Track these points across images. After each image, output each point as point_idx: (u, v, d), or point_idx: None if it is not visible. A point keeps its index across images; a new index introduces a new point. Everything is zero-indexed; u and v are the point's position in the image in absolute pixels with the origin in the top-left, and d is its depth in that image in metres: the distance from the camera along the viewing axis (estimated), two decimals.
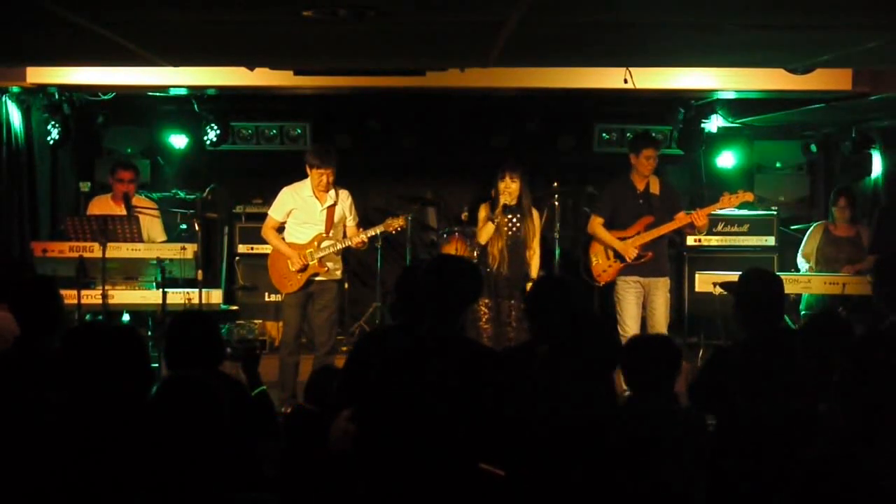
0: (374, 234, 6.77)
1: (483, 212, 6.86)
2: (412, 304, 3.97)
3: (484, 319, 6.73)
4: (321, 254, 6.57)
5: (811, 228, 7.90)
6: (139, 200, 7.43)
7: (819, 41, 4.93)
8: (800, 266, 7.72)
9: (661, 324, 6.68)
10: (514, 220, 6.72)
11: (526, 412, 3.64)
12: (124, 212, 7.28)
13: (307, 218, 6.63)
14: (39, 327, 4.03)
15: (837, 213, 7.67)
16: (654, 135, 7.44)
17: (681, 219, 6.70)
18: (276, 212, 6.73)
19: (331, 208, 6.62)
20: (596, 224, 6.87)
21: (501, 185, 6.68)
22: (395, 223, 6.74)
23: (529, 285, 6.61)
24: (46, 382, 3.32)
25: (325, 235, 6.61)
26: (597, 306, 8.71)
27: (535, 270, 6.84)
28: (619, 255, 6.72)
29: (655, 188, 6.78)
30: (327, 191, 6.57)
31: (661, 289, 6.73)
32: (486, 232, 6.74)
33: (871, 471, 2.48)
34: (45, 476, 2.79)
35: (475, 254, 7.82)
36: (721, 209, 7.03)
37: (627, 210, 6.78)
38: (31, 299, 4.13)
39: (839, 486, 2.49)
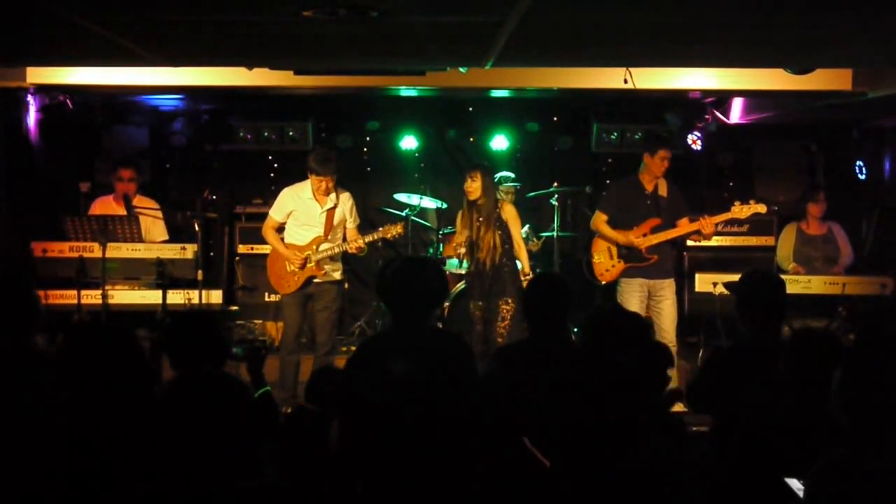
0: (371, 240, 6.74)
1: (458, 219, 6.89)
2: (387, 303, 4.04)
3: (476, 319, 6.72)
4: (319, 256, 6.56)
5: (783, 232, 7.91)
6: (140, 200, 7.43)
7: (819, 41, 4.93)
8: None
9: (669, 326, 6.62)
10: (480, 219, 6.68)
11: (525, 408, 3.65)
12: (125, 212, 7.28)
13: (307, 220, 6.62)
14: (14, 325, 3.89)
15: (815, 209, 7.67)
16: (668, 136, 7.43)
17: (685, 225, 6.66)
18: (276, 212, 6.73)
19: (331, 211, 6.61)
20: (599, 220, 6.80)
21: (465, 187, 6.72)
22: (393, 230, 6.69)
23: (525, 280, 6.60)
24: (29, 382, 3.31)
25: (323, 238, 6.60)
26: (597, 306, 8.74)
27: (525, 264, 6.79)
28: (622, 255, 6.68)
29: (664, 190, 6.72)
30: (327, 195, 6.56)
31: (667, 290, 6.68)
32: (456, 238, 6.84)
33: (875, 473, 2.48)
34: (36, 475, 2.79)
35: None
36: (731, 218, 6.96)
37: (634, 210, 6.71)
38: (3, 296, 3.94)
39: (844, 488, 2.49)
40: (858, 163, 8.33)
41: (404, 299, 3.68)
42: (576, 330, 7.99)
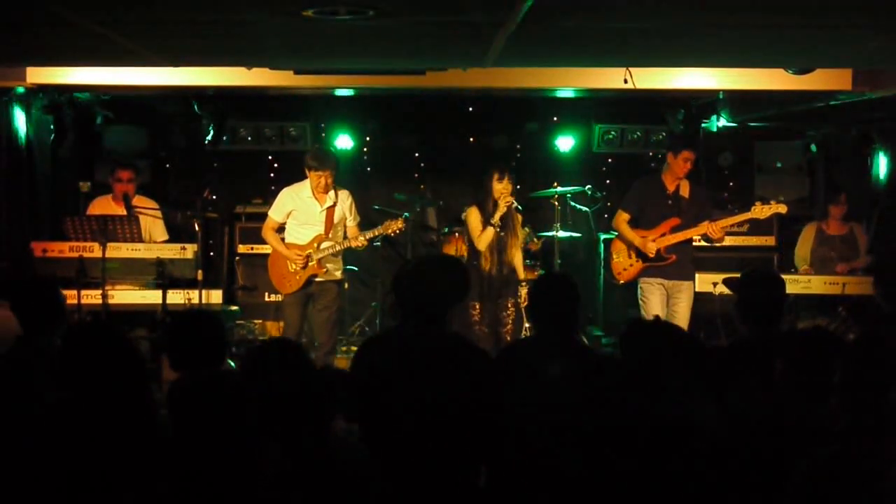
0: (372, 236, 6.76)
1: (473, 216, 6.67)
2: (404, 302, 3.97)
3: (475, 320, 6.69)
4: (320, 255, 6.57)
5: (803, 230, 7.90)
6: (140, 200, 7.42)
7: (819, 41, 4.93)
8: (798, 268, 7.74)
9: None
10: (503, 219, 6.61)
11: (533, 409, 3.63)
12: (125, 212, 7.28)
13: (307, 219, 6.62)
14: (41, 327, 4.04)
15: (836, 209, 7.65)
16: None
17: (703, 226, 6.63)
18: (275, 213, 6.72)
19: (330, 209, 6.61)
20: (621, 220, 6.75)
21: (500, 187, 6.53)
22: (394, 226, 6.71)
23: (524, 286, 6.59)
24: (49, 381, 3.33)
25: (324, 236, 6.60)
26: (599, 307, 8.75)
27: (520, 268, 6.77)
28: (640, 255, 6.66)
29: (685, 191, 6.69)
30: (326, 192, 6.56)
31: (684, 293, 6.64)
32: (486, 237, 6.55)
33: (872, 470, 2.49)
34: (48, 474, 2.80)
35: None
36: (752, 218, 6.94)
37: (655, 209, 6.67)
38: (33, 299, 4.14)
39: (841, 485, 2.49)
40: None
41: (427, 297, 3.56)
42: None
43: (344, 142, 8.91)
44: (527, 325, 6.72)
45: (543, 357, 4.07)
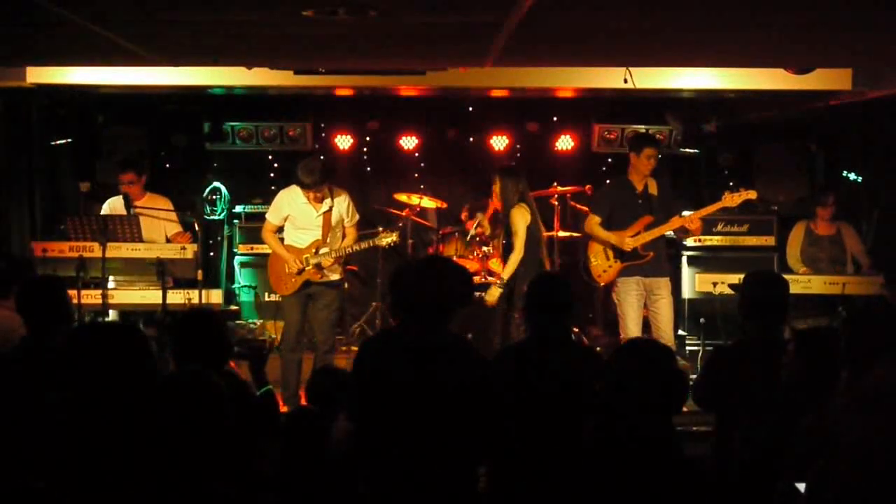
0: (366, 247, 6.75)
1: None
2: (404, 304, 3.95)
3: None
4: (317, 260, 6.55)
5: (792, 230, 7.91)
6: (152, 199, 7.38)
7: (819, 41, 4.93)
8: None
9: (666, 326, 6.58)
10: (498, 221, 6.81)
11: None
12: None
13: (304, 223, 6.58)
14: (46, 326, 4.01)
15: (824, 211, 7.66)
16: (654, 135, 7.44)
17: (676, 220, 6.65)
18: (272, 216, 6.69)
19: (327, 213, 6.56)
20: (593, 223, 6.80)
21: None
22: (387, 238, 6.68)
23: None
24: (53, 381, 3.33)
25: (322, 242, 6.56)
26: (598, 307, 8.76)
27: (507, 271, 6.70)
28: (618, 255, 6.66)
29: (654, 189, 6.73)
30: (320, 201, 6.52)
31: (663, 289, 6.66)
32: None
33: None
34: (50, 472, 2.80)
35: (474, 254, 7.83)
36: (723, 207, 6.95)
37: (626, 210, 6.71)
38: (40, 299, 4.11)
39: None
40: None
41: (425, 301, 3.53)
42: (577, 330, 8.01)
43: (344, 142, 8.91)
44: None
45: (539, 356, 4.09)
